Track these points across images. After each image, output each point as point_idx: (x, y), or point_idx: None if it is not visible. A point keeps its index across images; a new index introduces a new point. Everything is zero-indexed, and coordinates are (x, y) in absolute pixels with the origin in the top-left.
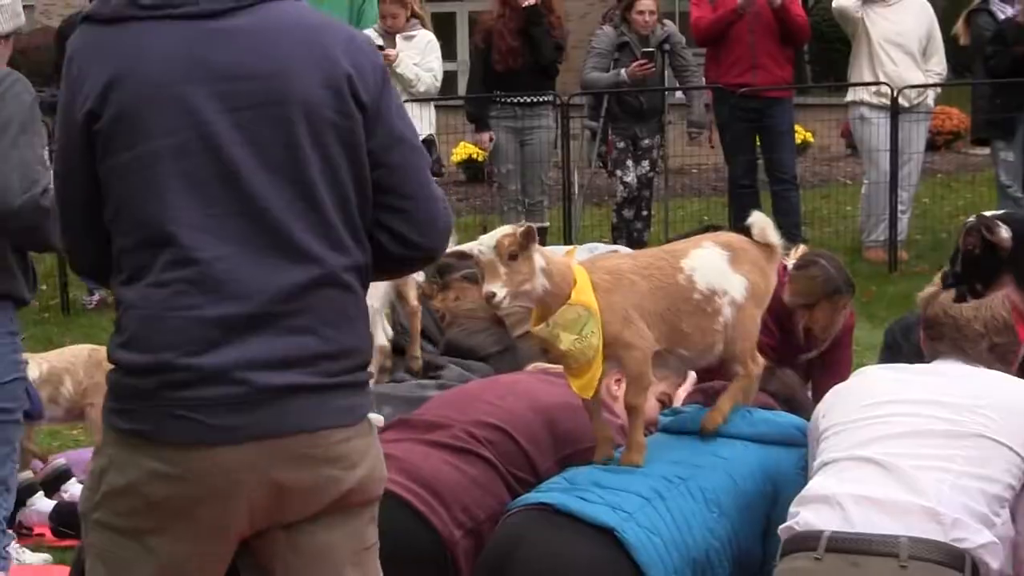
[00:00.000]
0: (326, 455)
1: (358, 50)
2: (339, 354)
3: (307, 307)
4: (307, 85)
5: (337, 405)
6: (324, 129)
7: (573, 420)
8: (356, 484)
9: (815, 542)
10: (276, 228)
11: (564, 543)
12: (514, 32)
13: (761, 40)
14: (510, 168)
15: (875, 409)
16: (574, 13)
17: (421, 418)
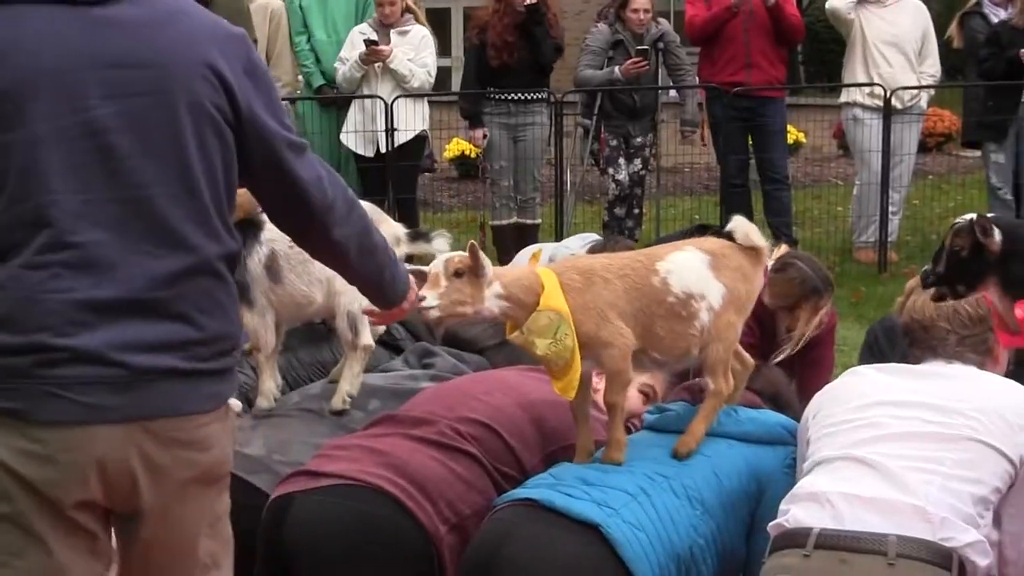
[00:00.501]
0: (187, 438)
1: (233, 45)
2: (210, 340)
3: (181, 294)
4: (188, 76)
5: (205, 391)
6: (203, 120)
7: (560, 416)
8: (209, 465)
9: (804, 539)
10: (154, 215)
11: (550, 539)
12: (509, 27)
13: (755, 39)
14: (503, 164)
15: (866, 410)
16: (569, 11)
17: (408, 414)
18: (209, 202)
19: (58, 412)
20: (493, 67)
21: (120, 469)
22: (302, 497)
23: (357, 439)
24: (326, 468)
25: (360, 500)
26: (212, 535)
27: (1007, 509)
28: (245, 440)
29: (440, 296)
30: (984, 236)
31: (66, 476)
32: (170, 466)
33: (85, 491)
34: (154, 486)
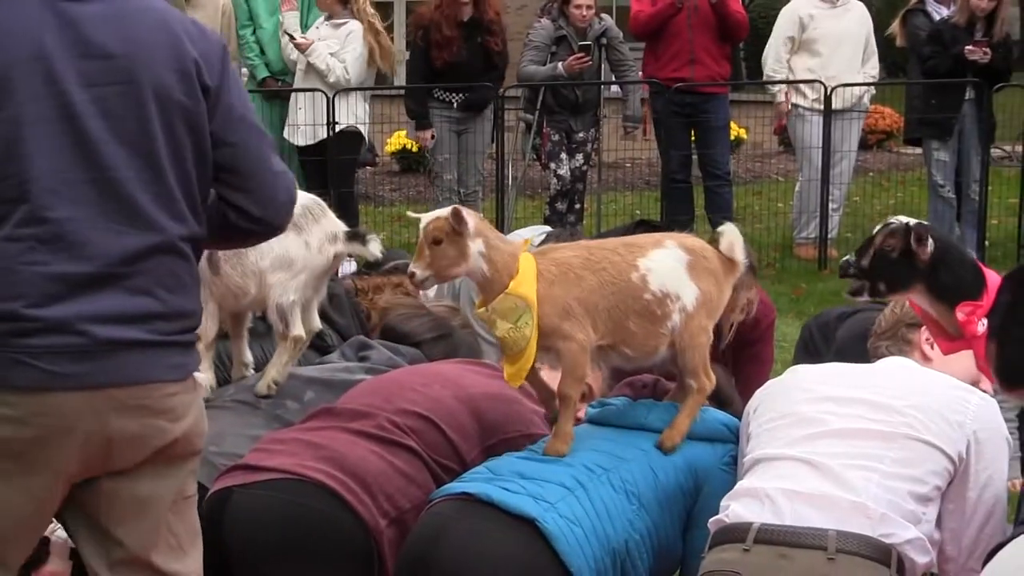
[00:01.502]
0: (155, 406)
1: (203, 37)
2: (173, 315)
3: (146, 270)
4: (158, 68)
5: (169, 361)
6: (172, 109)
7: (499, 409)
8: (181, 435)
9: (744, 533)
10: (123, 196)
11: (485, 533)
12: (452, 25)
13: (699, 35)
14: (446, 157)
15: (805, 407)
16: (511, 6)
17: (346, 407)
18: (175, 186)
19: (26, 379)
20: (437, 66)
21: (86, 436)
22: (241, 491)
23: (295, 432)
24: (265, 462)
25: (299, 494)
26: (177, 515)
27: (946, 505)
28: None
29: (427, 266)
30: (918, 243)
31: (33, 438)
32: (139, 434)
33: (49, 455)
34: (122, 455)
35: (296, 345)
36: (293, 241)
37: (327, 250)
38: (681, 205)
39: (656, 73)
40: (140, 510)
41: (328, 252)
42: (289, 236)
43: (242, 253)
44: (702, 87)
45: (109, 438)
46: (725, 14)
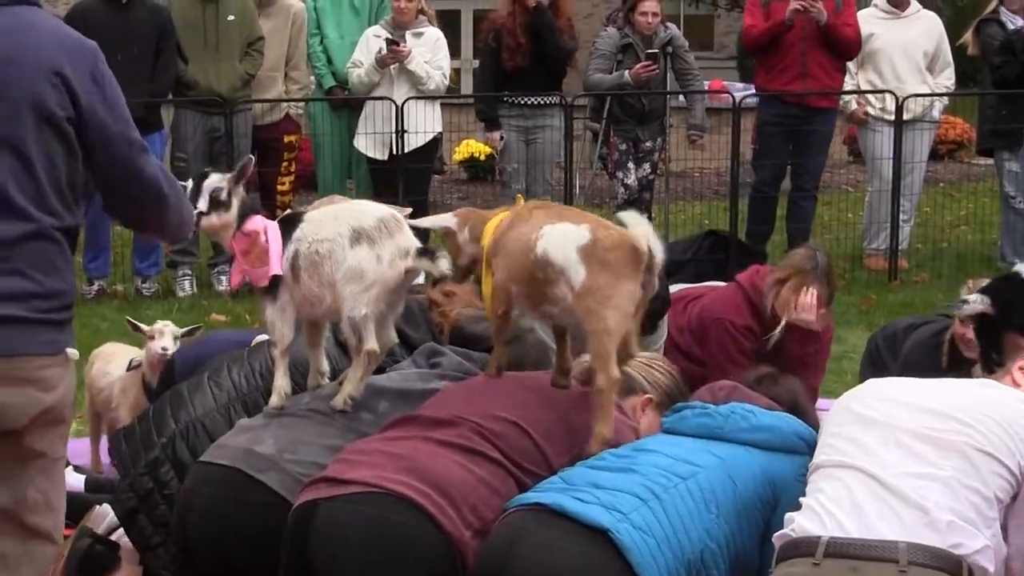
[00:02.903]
0: (28, 377)
1: (79, 55)
2: (47, 294)
3: (19, 254)
4: (34, 78)
5: (42, 337)
6: (43, 118)
7: (586, 417)
8: (53, 403)
9: (813, 547)
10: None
11: (558, 544)
12: (523, 30)
13: (812, 49)
14: (516, 167)
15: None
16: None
17: (428, 415)
18: (46, 184)
19: None
20: (507, 69)
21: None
22: (326, 505)
23: (377, 443)
24: (347, 475)
25: (384, 508)
26: (45, 474)
27: (1012, 521)
28: (256, 438)
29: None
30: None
31: None
32: (16, 402)
33: None
34: (6, 419)
35: (370, 359)
36: (366, 254)
37: (398, 265)
38: (763, 215)
39: (766, 85)
40: (13, 470)
41: (399, 267)
42: (363, 249)
43: (318, 263)
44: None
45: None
46: (836, 37)
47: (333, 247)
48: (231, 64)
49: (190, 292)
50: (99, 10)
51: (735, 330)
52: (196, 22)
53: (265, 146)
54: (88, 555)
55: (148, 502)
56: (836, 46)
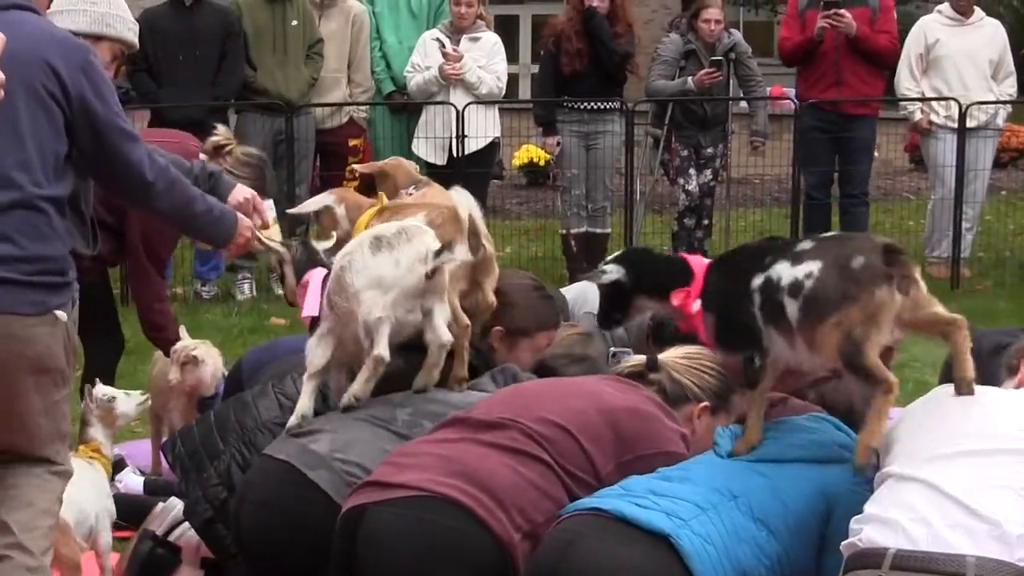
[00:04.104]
0: (15, 334)
1: (70, 50)
2: (32, 259)
3: (7, 220)
4: (29, 70)
5: (27, 298)
6: (35, 100)
7: (637, 425)
8: (36, 357)
9: (880, 559)
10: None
11: (617, 548)
12: (582, 35)
13: (845, 59)
14: (575, 172)
15: (941, 428)
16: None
17: (478, 417)
18: (35, 158)
19: None
20: (566, 74)
21: None
22: (374, 509)
23: (426, 444)
24: (396, 478)
25: (432, 511)
26: (47, 413)
27: None
28: (312, 438)
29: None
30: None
31: None
32: (4, 358)
33: None
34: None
35: (376, 365)
36: (385, 260)
37: (417, 269)
38: (817, 223)
39: (805, 93)
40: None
41: (418, 271)
42: (382, 255)
43: (341, 276)
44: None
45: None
46: (867, 48)
47: (354, 257)
48: (298, 69)
49: (249, 295)
50: (165, 14)
51: None
52: (264, 26)
53: (328, 150)
54: (149, 558)
55: (224, 511)
56: (869, 56)
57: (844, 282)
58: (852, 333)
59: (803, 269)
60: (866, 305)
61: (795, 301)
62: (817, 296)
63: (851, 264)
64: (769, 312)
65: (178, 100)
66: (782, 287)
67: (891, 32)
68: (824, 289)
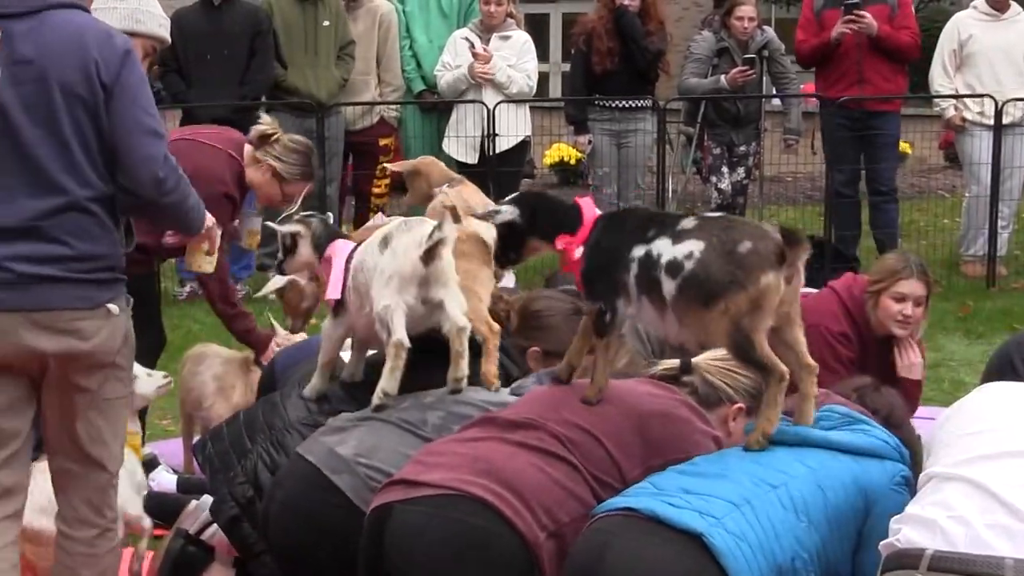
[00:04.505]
0: (66, 328)
1: (107, 44)
2: (82, 258)
3: (57, 224)
4: (66, 69)
5: (76, 294)
6: (74, 100)
7: (666, 429)
8: (88, 351)
9: (917, 560)
10: (38, 168)
11: (651, 548)
12: (613, 33)
13: (868, 56)
14: (606, 171)
15: (983, 427)
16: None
17: (506, 417)
18: (81, 159)
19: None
20: (597, 73)
21: (22, 346)
22: (401, 508)
23: (453, 443)
24: (423, 477)
25: (458, 510)
26: (100, 413)
27: None
28: (343, 439)
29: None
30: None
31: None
32: (57, 348)
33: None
34: (49, 362)
35: (397, 352)
36: (385, 255)
37: (411, 254)
38: (847, 220)
39: (825, 91)
40: (65, 405)
41: (412, 255)
42: (386, 251)
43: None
44: (869, 101)
45: (32, 348)
46: (889, 46)
47: (365, 256)
48: (328, 69)
49: None
50: (194, 13)
51: (832, 337)
52: (295, 26)
53: (359, 150)
54: (181, 556)
55: (250, 510)
56: (890, 54)
57: (730, 266)
58: (741, 323)
59: (683, 249)
60: (752, 292)
61: (673, 280)
62: (699, 278)
63: (738, 249)
64: (644, 284)
65: (207, 99)
66: (660, 264)
67: (911, 28)
68: (707, 272)
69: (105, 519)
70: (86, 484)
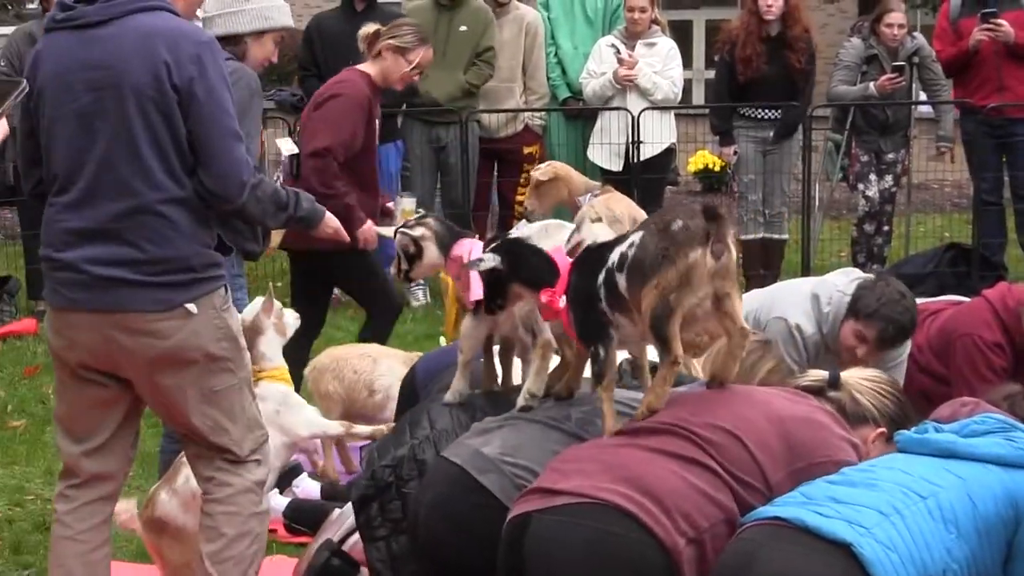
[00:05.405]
0: (141, 328)
1: (178, 47)
2: (155, 261)
3: (130, 227)
4: (136, 73)
5: (151, 296)
6: (146, 103)
7: (808, 433)
8: (169, 350)
9: None
10: (112, 170)
11: (799, 558)
12: (757, 42)
13: (1007, 63)
14: (752, 178)
15: None
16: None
17: (643, 423)
18: (152, 162)
19: (57, 302)
20: (741, 82)
21: (99, 344)
22: (539, 517)
23: (590, 450)
24: (560, 485)
25: (596, 519)
26: (211, 404)
27: None
28: (487, 439)
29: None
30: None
31: (67, 344)
32: (134, 348)
33: (80, 356)
34: (128, 360)
35: (545, 351)
36: None
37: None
38: (992, 228)
39: (965, 99)
40: (170, 403)
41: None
42: None
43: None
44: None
45: (109, 348)
46: None
47: None
48: (453, 74)
49: (424, 302)
50: (335, 19)
51: (985, 346)
52: (430, 30)
53: (504, 157)
54: (325, 568)
55: (384, 495)
56: None
57: (662, 242)
58: (668, 298)
59: (627, 242)
60: (681, 266)
61: (622, 273)
62: (638, 259)
63: (671, 227)
64: (613, 301)
65: None
66: (613, 266)
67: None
68: (644, 252)
69: (244, 480)
70: (216, 461)
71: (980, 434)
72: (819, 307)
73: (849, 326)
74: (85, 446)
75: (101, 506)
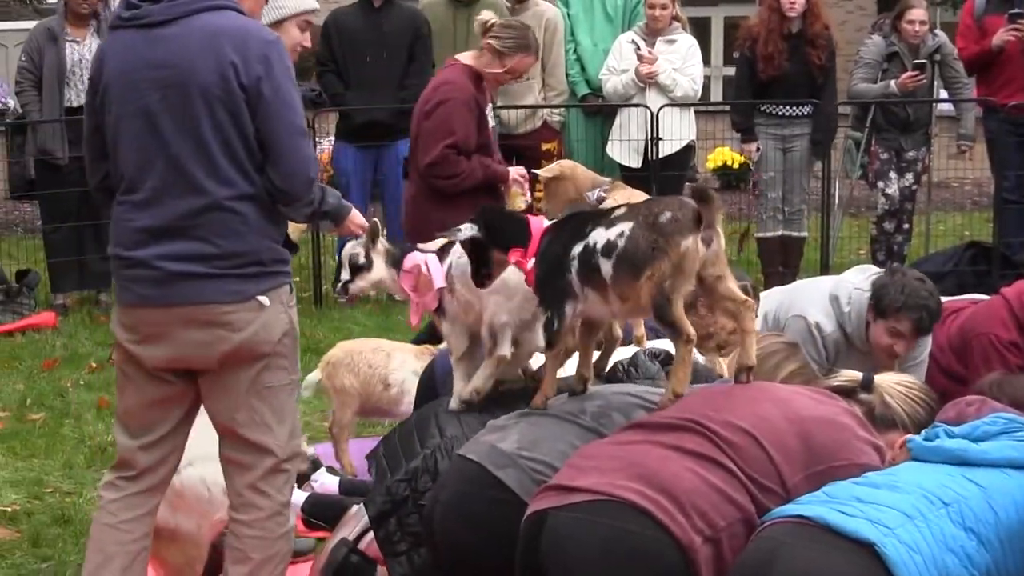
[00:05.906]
0: (216, 320)
1: (244, 47)
2: (227, 255)
3: (201, 223)
4: (203, 72)
5: (224, 288)
6: (214, 102)
7: (829, 435)
8: (241, 343)
9: None
10: (182, 169)
11: (821, 557)
12: (778, 39)
13: None
14: (772, 175)
15: None
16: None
17: (661, 419)
18: (221, 159)
19: (128, 299)
20: (763, 79)
21: (169, 340)
22: (555, 515)
23: (607, 446)
24: (576, 482)
25: (613, 516)
26: (262, 400)
27: None
28: (503, 436)
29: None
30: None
31: (135, 340)
32: (207, 341)
33: (147, 353)
34: (199, 355)
35: (499, 364)
36: (511, 268)
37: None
38: (1013, 227)
39: (988, 97)
40: (223, 394)
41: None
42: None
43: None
44: None
45: (180, 343)
46: None
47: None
48: None
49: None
50: (352, 14)
51: (1001, 345)
52: (445, 27)
53: (522, 154)
54: (343, 565)
55: (401, 509)
56: None
57: (653, 235)
58: (663, 286)
59: (616, 230)
60: (674, 255)
61: (608, 260)
62: (629, 252)
63: (659, 219)
64: (586, 276)
65: (365, 101)
66: (597, 250)
67: None
68: (635, 245)
69: (273, 502)
70: (251, 471)
71: (992, 435)
72: (839, 307)
73: (880, 326)
74: (142, 440)
75: (148, 497)
